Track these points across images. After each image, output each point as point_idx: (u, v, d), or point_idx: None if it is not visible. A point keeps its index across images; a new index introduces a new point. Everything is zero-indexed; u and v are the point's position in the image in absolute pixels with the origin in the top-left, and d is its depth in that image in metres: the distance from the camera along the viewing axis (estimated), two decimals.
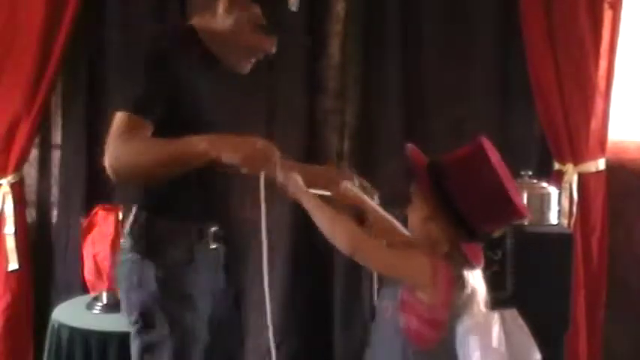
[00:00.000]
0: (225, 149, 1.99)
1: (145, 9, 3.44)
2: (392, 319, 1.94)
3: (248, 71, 2.28)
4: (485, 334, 1.87)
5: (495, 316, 1.90)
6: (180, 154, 2.02)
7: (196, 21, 2.25)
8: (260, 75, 2.43)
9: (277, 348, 2.11)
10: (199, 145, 2.00)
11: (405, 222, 2.02)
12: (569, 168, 3.35)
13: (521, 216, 1.95)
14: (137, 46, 2.31)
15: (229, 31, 2.20)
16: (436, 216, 1.90)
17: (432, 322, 1.90)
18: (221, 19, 2.21)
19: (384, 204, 2.19)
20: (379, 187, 3.40)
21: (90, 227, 2.98)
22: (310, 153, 3.41)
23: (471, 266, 1.92)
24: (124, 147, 2.05)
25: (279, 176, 2.03)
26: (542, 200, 3.04)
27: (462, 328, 1.88)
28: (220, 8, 2.20)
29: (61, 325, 2.81)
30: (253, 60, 2.27)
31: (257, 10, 2.18)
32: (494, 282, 2.05)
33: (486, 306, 1.93)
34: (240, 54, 2.24)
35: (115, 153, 2.05)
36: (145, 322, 2.17)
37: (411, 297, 1.91)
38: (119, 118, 2.09)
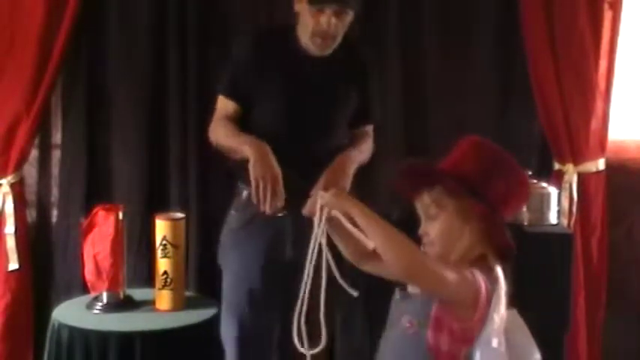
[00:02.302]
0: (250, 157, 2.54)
1: (145, 9, 3.44)
2: (415, 336, 1.88)
3: (324, 53, 2.65)
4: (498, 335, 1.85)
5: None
6: (234, 147, 2.65)
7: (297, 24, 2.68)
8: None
9: None
10: (243, 148, 2.58)
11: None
12: (569, 168, 3.35)
13: (527, 188, 1.95)
14: (241, 38, 2.87)
15: (301, 17, 2.63)
16: (471, 216, 1.85)
17: (464, 340, 1.84)
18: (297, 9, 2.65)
19: (384, 205, 2.18)
20: (379, 187, 3.42)
21: (90, 227, 2.97)
22: None
23: (505, 257, 1.89)
24: (213, 131, 2.76)
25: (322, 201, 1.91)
26: (542, 200, 3.04)
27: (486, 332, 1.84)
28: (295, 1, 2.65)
29: (61, 325, 2.80)
30: (320, 40, 2.61)
31: None
32: None
33: (507, 301, 1.88)
34: (309, 37, 2.62)
35: (210, 134, 2.77)
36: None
37: (447, 315, 1.84)
38: (219, 102, 2.77)
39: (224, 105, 2.75)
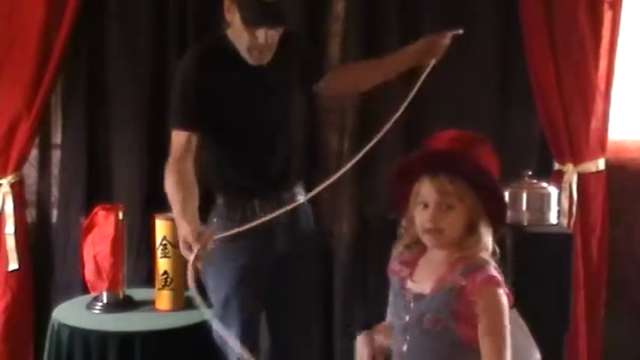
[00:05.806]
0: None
1: (145, 9, 3.44)
2: (444, 332, 1.87)
3: (261, 62, 2.61)
4: None
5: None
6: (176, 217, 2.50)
7: (229, 29, 2.63)
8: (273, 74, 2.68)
9: None
10: (181, 224, 2.44)
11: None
12: (569, 168, 3.35)
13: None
14: (181, 64, 2.68)
15: (234, 29, 2.58)
16: (480, 214, 1.89)
17: None
18: (229, 19, 2.58)
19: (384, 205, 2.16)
20: (379, 188, 3.42)
21: (90, 227, 2.98)
22: (310, 153, 3.41)
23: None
24: (170, 178, 2.54)
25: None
26: (542, 200, 3.04)
27: None
28: (225, 10, 2.57)
29: (61, 325, 2.81)
30: (257, 52, 2.58)
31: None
32: None
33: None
34: (245, 48, 2.58)
35: (167, 177, 2.56)
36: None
37: (469, 309, 1.84)
38: (174, 137, 2.61)
39: (180, 139, 2.58)
